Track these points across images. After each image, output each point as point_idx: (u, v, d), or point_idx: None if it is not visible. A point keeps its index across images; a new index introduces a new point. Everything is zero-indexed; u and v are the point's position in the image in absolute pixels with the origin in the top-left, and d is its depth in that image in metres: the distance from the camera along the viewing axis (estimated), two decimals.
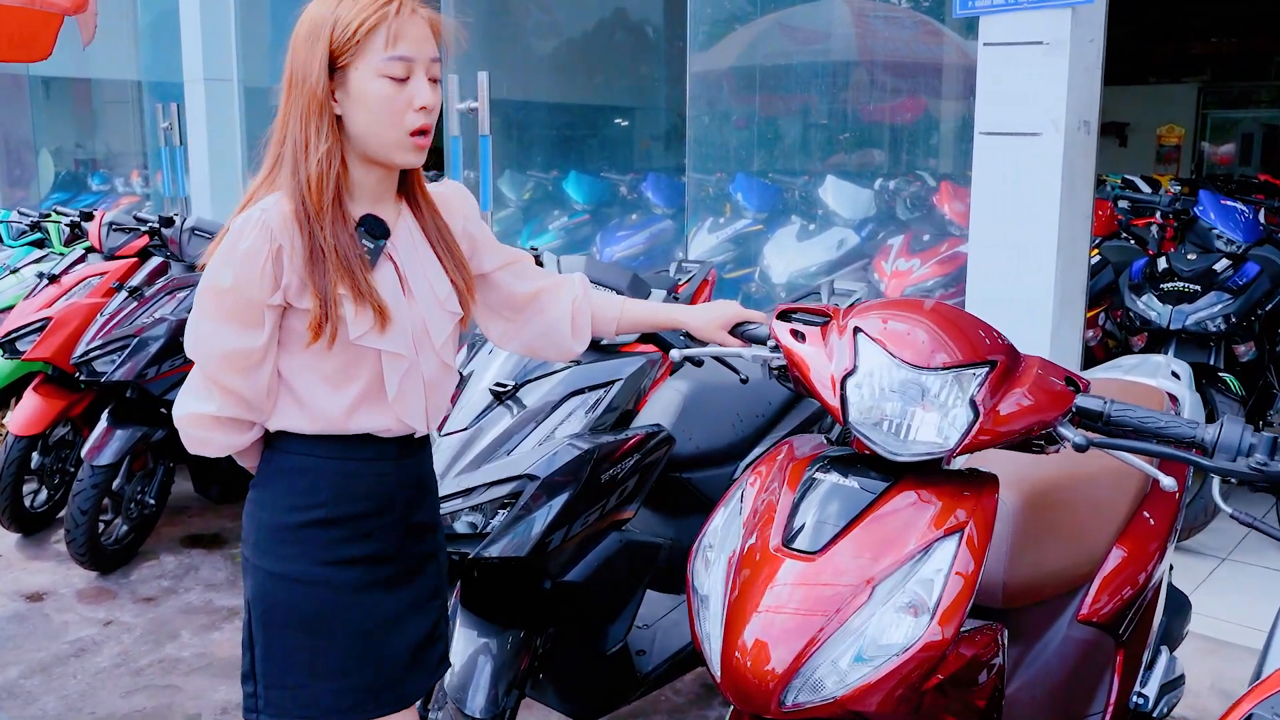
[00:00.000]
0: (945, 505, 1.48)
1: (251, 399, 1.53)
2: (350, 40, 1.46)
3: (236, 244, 1.47)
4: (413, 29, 1.49)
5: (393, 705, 1.65)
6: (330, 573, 1.59)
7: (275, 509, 1.60)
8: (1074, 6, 3.14)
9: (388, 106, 1.48)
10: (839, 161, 5.21)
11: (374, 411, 1.56)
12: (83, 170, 10.39)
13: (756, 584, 1.47)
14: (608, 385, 2.21)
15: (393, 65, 1.47)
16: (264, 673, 1.60)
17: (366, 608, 1.62)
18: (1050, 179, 3.25)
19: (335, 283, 1.46)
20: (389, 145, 1.51)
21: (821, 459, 1.60)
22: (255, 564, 1.61)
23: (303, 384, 1.54)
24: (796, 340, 1.64)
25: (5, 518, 4.02)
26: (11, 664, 3.16)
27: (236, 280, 1.46)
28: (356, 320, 1.48)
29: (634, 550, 2.27)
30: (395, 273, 1.56)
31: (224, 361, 1.50)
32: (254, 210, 1.48)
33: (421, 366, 1.59)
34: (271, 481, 1.61)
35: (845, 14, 5.26)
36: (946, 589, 1.41)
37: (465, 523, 2.07)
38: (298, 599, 1.59)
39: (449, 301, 1.62)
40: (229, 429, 1.56)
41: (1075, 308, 3.45)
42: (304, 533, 1.58)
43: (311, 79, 1.48)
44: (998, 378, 1.50)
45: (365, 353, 1.52)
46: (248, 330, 1.48)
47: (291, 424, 1.56)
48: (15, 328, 3.97)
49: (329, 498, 1.58)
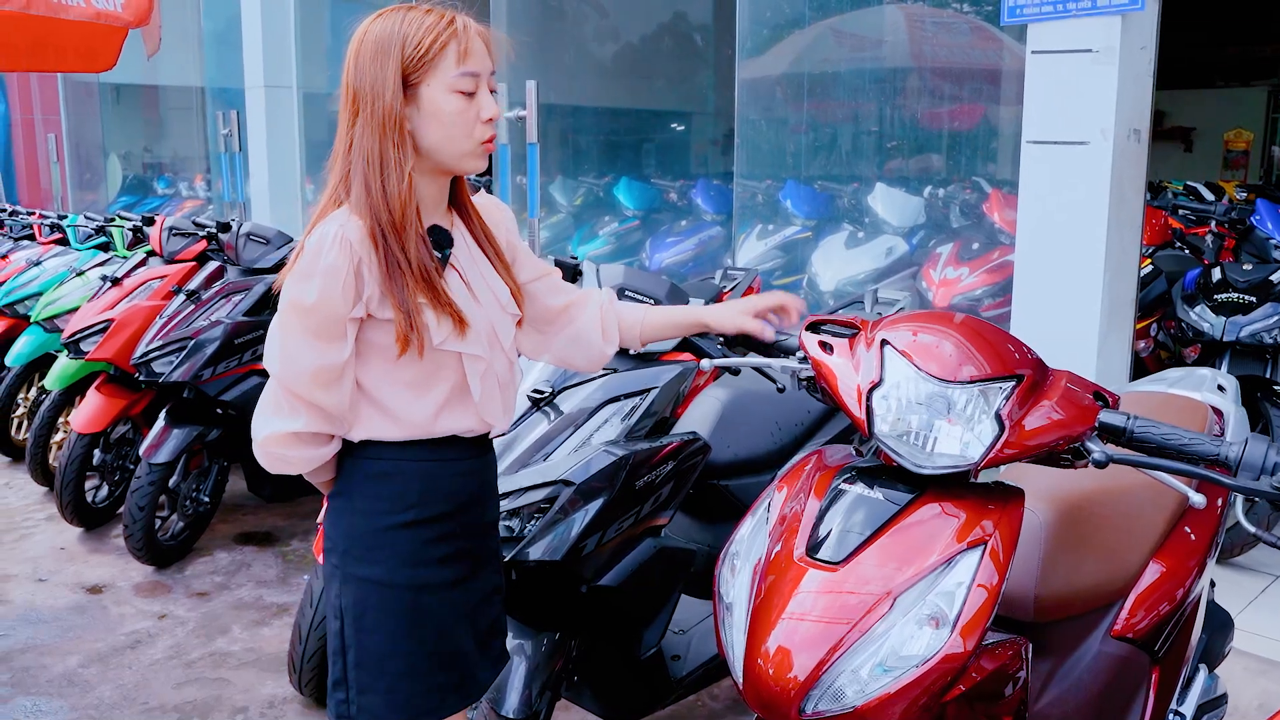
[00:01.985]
0: (969, 518, 1.48)
1: (335, 412, 1.57)
2: (423, 57, 1.52)
3: (317, 260, 1.50)
4: (477, 45, 1.56)
5: (469, 697, 1.72)
6: (422, 573, 1.64)
7: (366, 514, 1.63)
8: (1124, 14, 3.11)
9: (461, 119, 1.54)
10: (889, 168, 5.19)
11: (459, 413, 1.61)
12: (149, 174, 10.69)
13: (780, 592, 1.49)
14: (644, 393, 2.24)
15: (464, 80, 1.53)
16: (357, 679, 1.63)
17: (449, 605, 1.67)
18: (1099, 188, 3.22)
19: (415, 294, 1.51)
20: (461, 155, 1.57)
21: (848, 470, 1.61)
22: (347, 571, 1.64)
23: (386, 394, 1.58)
24: (825, 352, 1.66)
25: (68, 512, 4.16)
26: (71, 653, 3.27)
27: (321, 296, 1.50)
28: (439, 327, 1.54)
29: (669, 556, 2.30)
30: (461, 279, 1.61)
31: (311, 378, 1.53)
32: (330, 225, 1.51)
33: (495, 366, 1.64)
34: (359, 488, 1.64)
35: (897, 20, 5.23)
36: (968, 601, 1.41)
37: (503, 526, 2.12)
38: (391, 601, 1.63)
39: (509, 304, 1.68)
40: (310, 444, 1.59)
41: (1124, 318, 3.40)
42: (395, 535, 1.63)
43: (386, 96, 1.52)
44: (1024, 392, 1.50)
45: (445, 358, 1.57)
46: (332, 345, 1.52)
47: (378, 433, 1.60)
48: (79, 329, 4.11)
49: (417, 499, 1.63)
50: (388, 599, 1.62)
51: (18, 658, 3.25)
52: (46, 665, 3.20)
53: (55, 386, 4.49)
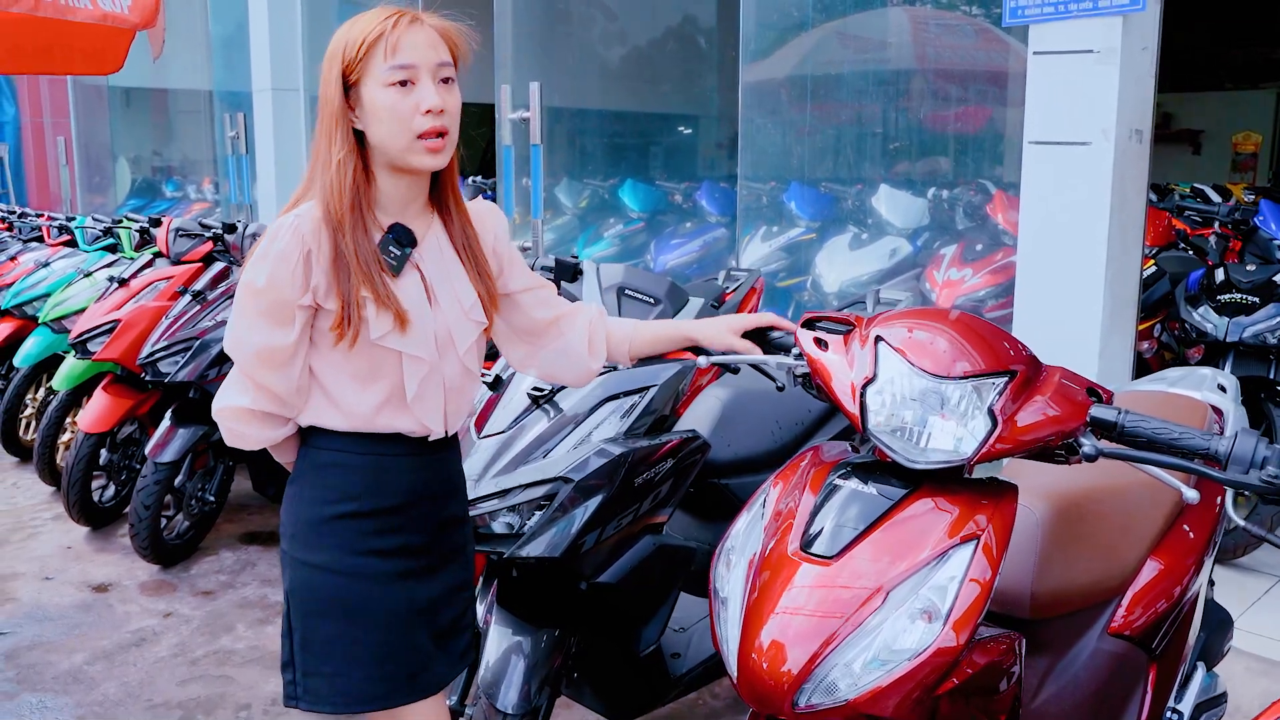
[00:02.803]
0: (962, 513, 1.49)
1: (284, 394, 1.61)
2: (357, 57, 1.56)
3: (271, 246, 1.56)
4: (412, 37, 1.57)
5: (422, 691, 1.71)
6: (363, 563, 1.66)
7: (311, 502, 1.67)
8: (1125, 14, 3.11)
9: (395, 113, 1.56)
10: (893, 170, 5.20)
11: (398, 412, 1.63)
12: (158, 177, 10.75)
13: (774, 587, 1.50)
14: (642, 391, 2.25)
15: (394, 73, 1.55)
16: (302, 661, 1.67)
17: (398, 597, 1.68)
18: (1100, 189, 3.22)
19: (358, 286, 1.54)
20: (403, 150, 1.58)
21: (843, 465, 1.62)
22: (293, 556, 1.68)
23: (333, 382, 1.61)
24: (820, 349, 1.67)
25: (75, 511, 4.19)
26: (77, 650, 3.30)
27: (270, 280, 1.55)
28: (378, 322, 1.56)
29: (668, 553, 2.31)
30: (421, 280, 1.63)
31: (257, 357, 1.59)
32: (289, 215, 1.58)
33: (444, 371, 1.65)
34: (307, 476, 1.68)
35: (902, 22, 5.25)
36: (960, 596, 1.42)
37: (503, 523, 2.13)
38: (333, 588, 1.66)
39: (474, 310, 1.68)
40: (263, 423, 1.64)
41: (1126, 319, 3.41)
42: (339, 524, 1.65)
43: (330, 97, 1.58)
44: (1017, 387, 1.51)
45: (386, 355, 1.59)
46: (279, 328, 1.57)
47: (324, 420, 1.64)
48: (86, 329, 4.14)
49: (362, 491, 1.65)
50: (331, 585, 1.65)
51: (24, 655, 3.28)
52: (52, 662, 3.22)
53: (63, 387, 4.52)
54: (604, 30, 7.79)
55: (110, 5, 3.16)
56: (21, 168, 11.87)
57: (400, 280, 1.60)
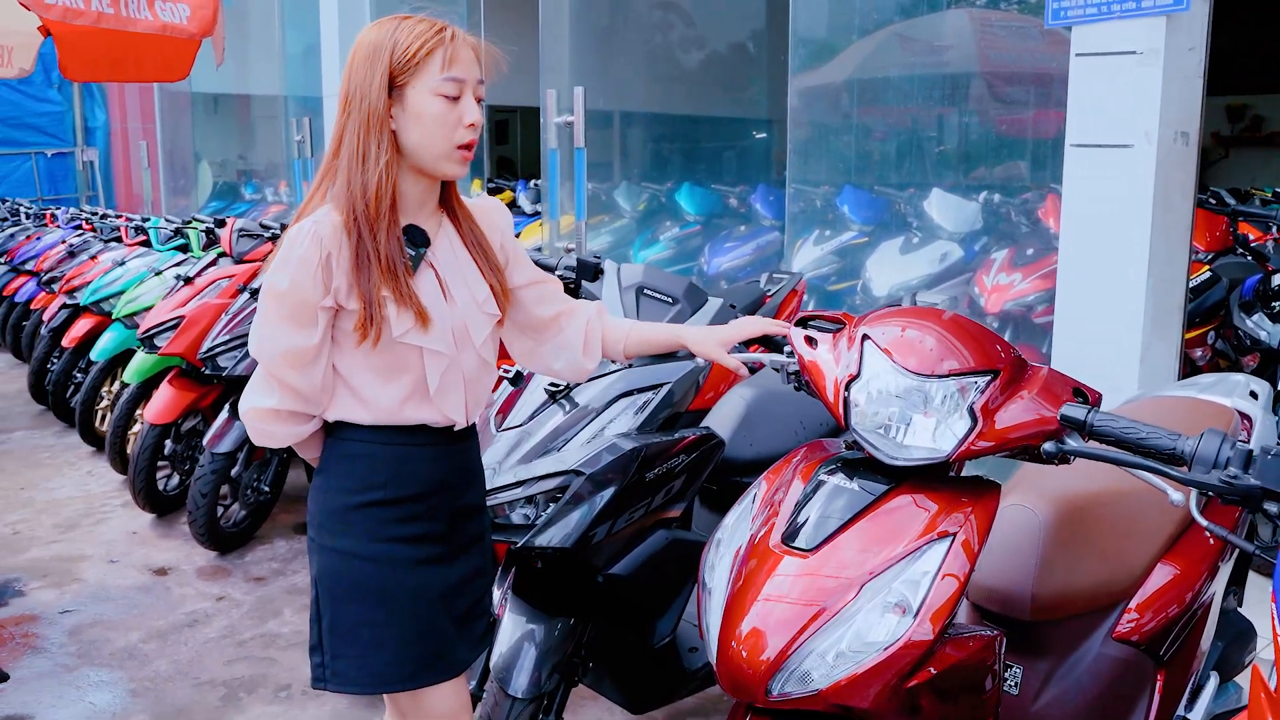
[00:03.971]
0: (941, 509, 1.51)
1: (308, 393, 1.68)
2: (410, 61, 1.62)
3: (291, 251, 1.62)
4: (466, 52, 1.65)
5: (445, 673, 1.78)
6: (388, 549, 1.73)
7: (338, 491, 1.74)
8: (1168, 14, 3.06)
9: (441, 122, 1.63)
10: (945, 174, 5.15)
11: (422, 404, 1.70)
12: (240, 180, 11.11)
13: (757, 578, 1.54)
14: (656, 388, 2.30)
15: (447, 85, 1.62)
16: (330, 644, 1.74)
17: (421, 582, 1.75)
18: (1141, 192, 3.17)
19: (379, 286, 1.61)
20: (439, 157, 1.65)
21: (831, 461, 1.65)
22: (320, 543, 1.76)
23: (358, 379, 1.68)
24: (810, 347, 1.70)
25: (141, 499, 4.38)
26: (134, 629, 3.46)
27: (292, 284, 1.61)
28: (399, 320, 1.63)
29: (681, 547, 2.35)
30: (435, 278, 1.70)
31: (283, 359, 1.65)
32: (306, 221, 1.64)
33: (462, 364, 1.72)
34: (334, 467, 1.75)
35: (957, 24, 5.20)
36: (934, 590, 1.44)
37: (520, 514, 2.19)
38: (359, 573, 1.73)
39: (487, 304, 1.75)
40: (288, 421, 1.71)
41: (1170, 326, 3.34)
42: (364, 512, 1.72)
43: (371, 96, 1.63)
44: (1000, 387, 1.53)
45: (408, 351, 1.66)
46: (302, 330, 1.63)
47: (351, 415, 1.71)
48: (153, 325, 4.33)
49: (386, 479, 1.72)
50: (356, 570, 1.71)
51: (86, 632, 3.45)
52: (111, 639, 3.39)
53: (133, 380, 4.73)
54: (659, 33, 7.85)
55: (170, 16, 3.33)
56: (110, 171, 12.39)
57: (416, 279, 1.66)
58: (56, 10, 3.16)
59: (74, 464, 5.43)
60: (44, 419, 6.28)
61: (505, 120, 14.70)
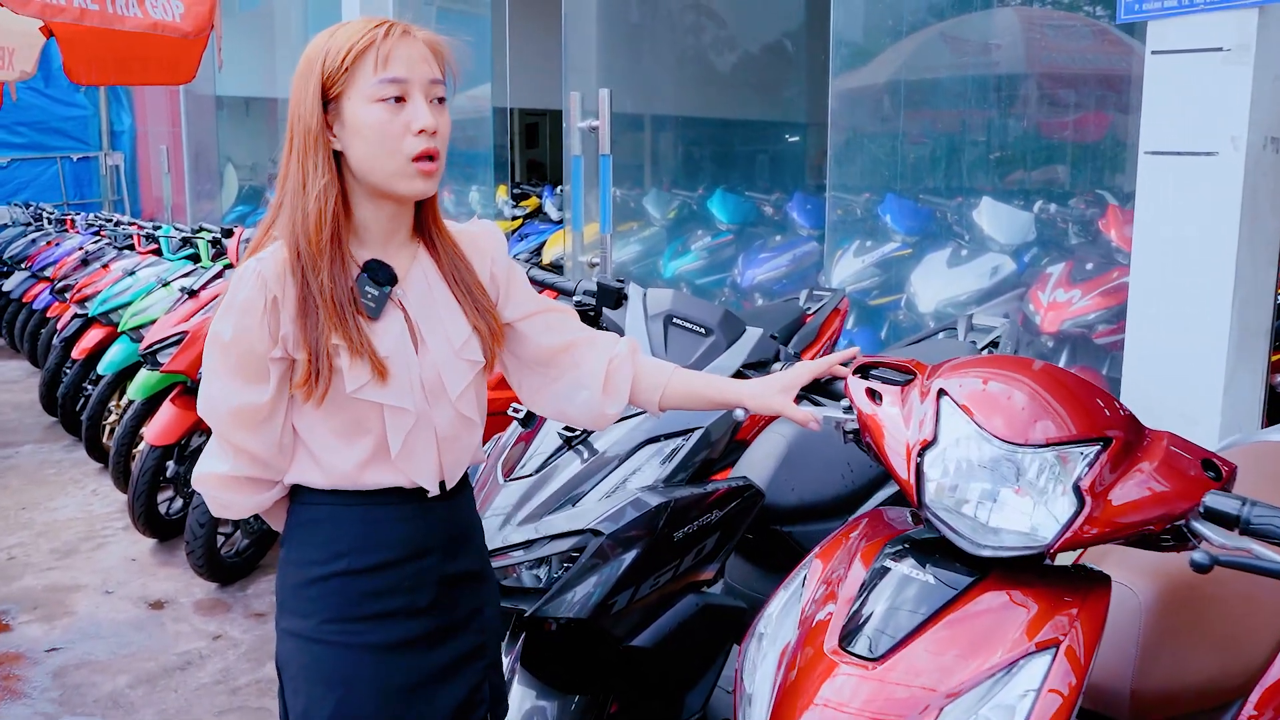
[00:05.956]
0: (1041, 610, 1.22)
1: (264, 456, 1.43)
2: (340, 68, 1.37)
3: (235, 296, 1.38)
4: (404, 50, 1.38)
5: None
6: (357, 630, 1.46)
7: (299, 564, 1.49)
8: (1261, 6, 2.74)
9: (383, 132, 1.37)
10: (996, 181, 4.84)
11: (386, 468, 1.44)
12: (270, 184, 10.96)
13: (806, 688, 1.25)
14: (686, 434, 2.02)
15: (384, 88, 1.36)
16: None
17: (400, 667, 1.48)
18: (1228, 204, 2.85)
19: (328, 333, 1.35)
20: (391, 174, 1.39)
21: (897, 541, 1.36)
22: (282, 627, 1.51)
23: (315, 439, 1.43)
24: (873, 401, 1.41)
25: (140, 523, 4.15)
26: (122, 672, 3.22)
27: (235, 333, 1.38)
28: (353, 373, 1.37)
29: (714, 614, 2.07)
30: (404, 321, 1.43)
31: (232, 418, 1.41)
32: (251, 261, 1.39)
33: (435, 420, 1.45)
34: (294, 536, 1.50)
35: (1006, 22, 4.89)
36: (1035, 713, 1.15)
37: (531, 575, 1.92)
38: (325, 661, 1.46)
39: (466, 349, 1.47)
40: (247, 489, 1.46)
41: (1257, 351, 3.02)
42: (327, 586, 1.46)
43: (305, 115, 1.39)
44: (1112, 458, 1.23)
45: (367, 408, 1.41)
46: (251, 385, 1.39)
47: (308, 479, 1.46)
48: (156, 340, 4.11)
49: (350, 547, 1.46)
50: (313, 657, 1.45)
51: (71, 674, 3.22)
52: (96, 683, 3.15)
53: (137, 396, 4.50)
54: (690, 33, 7.58)
55: (161, 14, 3.10)
56: (135, 176, 12.29)
57: (380, 323, 1.40)
58: (34, 7, 2.94)
59: (79, 481, 5.23)
60: (53, 432, 6.10)
61: (535, 123, 14.48)
